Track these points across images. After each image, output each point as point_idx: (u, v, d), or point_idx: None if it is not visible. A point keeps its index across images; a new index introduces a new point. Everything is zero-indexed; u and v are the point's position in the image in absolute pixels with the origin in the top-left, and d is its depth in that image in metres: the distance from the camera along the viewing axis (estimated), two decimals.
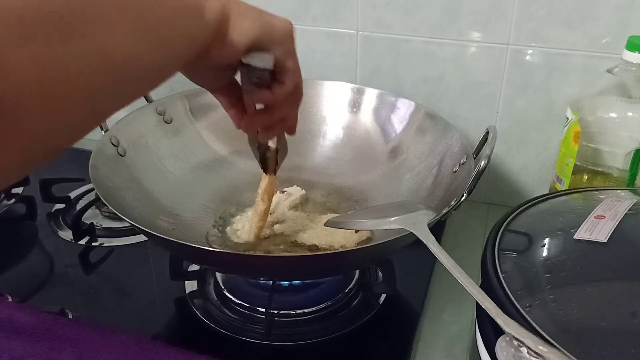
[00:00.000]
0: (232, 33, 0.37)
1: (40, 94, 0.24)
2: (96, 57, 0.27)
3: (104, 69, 0.27)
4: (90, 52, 0.26)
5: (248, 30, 0.38)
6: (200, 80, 0.44)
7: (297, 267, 0.51)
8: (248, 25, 0.38)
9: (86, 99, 0.27)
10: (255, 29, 0.38)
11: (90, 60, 0.26)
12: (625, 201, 0.46)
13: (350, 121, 0.73)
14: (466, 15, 0.69)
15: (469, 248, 0.68)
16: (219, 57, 0.38)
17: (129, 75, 0.29)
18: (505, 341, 0.33)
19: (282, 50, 0.41)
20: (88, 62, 0.26)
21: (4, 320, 0.41)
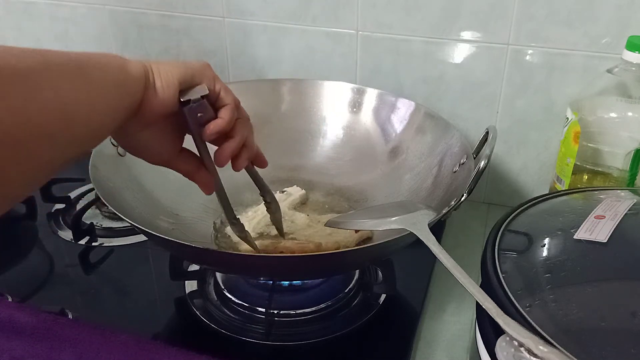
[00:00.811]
0: (160, 80, 0.41)
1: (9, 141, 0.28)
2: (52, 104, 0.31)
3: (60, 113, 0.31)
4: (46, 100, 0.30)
5: (172, 73, 0.41)
6: (155, 149, 0.45)
7: (297, 267, 0.51)
8: (170, 69, 0.41)
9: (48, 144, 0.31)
10: (178, 70, 0.42)
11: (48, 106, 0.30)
12: (625, 201, 0.46)
13: (350, 121, 0.73)
14: (466, 15, 0.69)
15: (469, 248, 0.68)
16: (157, 106, 0.40)
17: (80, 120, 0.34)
18: (505, 341, 0.33)
19: (208, 79, 0.44)
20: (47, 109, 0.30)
21: (4, 320, 0.41)
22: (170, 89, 0.41)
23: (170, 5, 0.81)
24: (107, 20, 0.86)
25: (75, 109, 0.33)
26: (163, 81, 0.41)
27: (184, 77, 0.42)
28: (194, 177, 0.48)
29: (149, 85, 0.40)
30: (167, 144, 0.45)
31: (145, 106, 0.40)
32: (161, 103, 0.41)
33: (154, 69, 0.41)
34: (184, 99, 0.42)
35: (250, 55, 0.81)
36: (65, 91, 0.32)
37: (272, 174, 0.70)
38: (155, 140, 0.44)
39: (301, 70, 0.78)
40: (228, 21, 0.80)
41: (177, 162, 0.47)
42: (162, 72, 0.41)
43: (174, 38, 0.83)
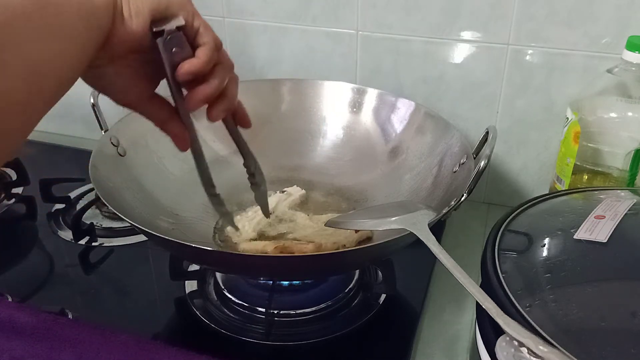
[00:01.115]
0: (128, 6, 0.36)
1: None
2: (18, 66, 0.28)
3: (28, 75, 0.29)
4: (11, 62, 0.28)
5: (144, 1, 0.37)
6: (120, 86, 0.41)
7: (297, 267, 0.51)
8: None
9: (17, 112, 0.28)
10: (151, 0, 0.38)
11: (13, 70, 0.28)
12: (625, 201, 0.46)
13: (350, 121, 0.73)
14: (466, 15, 0.69)
15: (469, 248, 0.68)
16: (124, 36, 0.36)
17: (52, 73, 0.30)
18: (505, 341, 0.33)
19: (186, 12, 0.40)
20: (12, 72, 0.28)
21: (4, 320, 0.41)
22: (140, 17, 0.36)
23: None
24: None
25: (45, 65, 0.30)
26: (132, 8, 0.36)
27: (157, 5, 0.38)
28: (166, 127, 0.44)
29: (118, 10, 0.36)
30: (136, 83, 0.41)
31: (112, 36, 0.36)
32: (129, 33, 0.36)
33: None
34: (157, 29, 0.38)
35: (250, 55, 0.81)
36: (32, 49, 0.29)
37: (272, 174, 0.70)
38: (121, 77, 0.40)
39: (301, 70, 0.78)
40: (228, 21, 0.80)
41: (147, 107, 0.43)
42: (133, 2, 0.37)
43: None
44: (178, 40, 0.39)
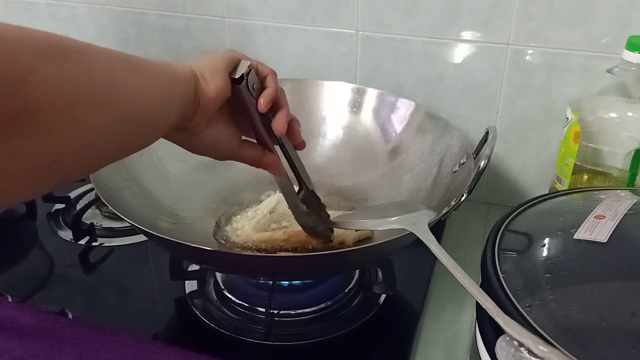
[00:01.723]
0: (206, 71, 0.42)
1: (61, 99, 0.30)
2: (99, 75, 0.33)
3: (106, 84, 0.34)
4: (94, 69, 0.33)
5: (214, 62, 0.43)
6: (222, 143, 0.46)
7: (297, 267, 0.51)
8: (210, 60, 0.43)
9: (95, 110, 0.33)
10: (218, 58, 0.44)
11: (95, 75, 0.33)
12: (625, 201, 0.46)
13: (350, 121, 0.73)
14: (466, 15, 0.69)
15: (469, 248, 0.68)
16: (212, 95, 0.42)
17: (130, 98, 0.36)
18: (505, 341, 0.33)
19: (242, 57, 0.46)
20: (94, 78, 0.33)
21: (4, 320, 0.41)
22: (219, 74, 0.42)
23: (170, 5, 0.81)
24: (107, 20, 0.86)
25: (124, 84, 0.35)
26: (210, 71, 0.42)
27: (226, 61, 0.43)
28: (261, 162, 0.49)
29: (199, 79, 0.41)
30: (231, 135, 0.47)
31: (203, 99, 0.42)
32: (215, 90, 0.42)
33: (198, 65, 0.42)
34: (237, 76, 0.43)
35: (250, 55, 0.80)
36: (114, 68, 0.34)
37: None
38: (221, 134, 0.45)
39: (301, 70, 0.78)
40: (228, 21, 0.80)
41: (243, 151, 0.48)
42: (207, 64, 0.42)
43: (174, 38, 0.83)
44: (253, 79, 0.44)
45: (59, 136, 0.30)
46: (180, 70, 0.41)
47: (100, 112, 0.33)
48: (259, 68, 0.47)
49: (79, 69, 0.31)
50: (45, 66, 0.29)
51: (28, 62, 0.28)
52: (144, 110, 0.37)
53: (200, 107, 0.42)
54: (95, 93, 0.32)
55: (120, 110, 0.35)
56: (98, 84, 0.33)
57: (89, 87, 0.32)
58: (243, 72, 0.43)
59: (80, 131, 0.32)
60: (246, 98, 0.44)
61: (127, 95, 0.35)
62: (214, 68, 0.42)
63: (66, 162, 0.33)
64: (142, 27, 0.84)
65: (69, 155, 0.32)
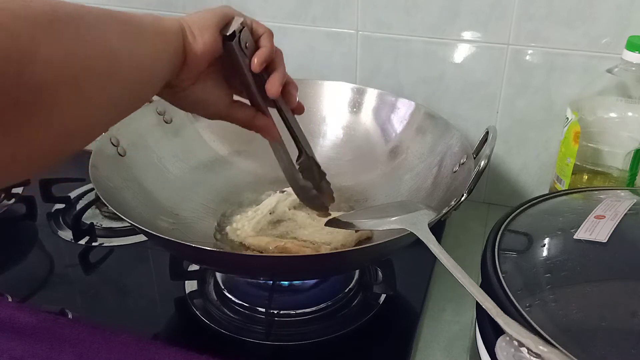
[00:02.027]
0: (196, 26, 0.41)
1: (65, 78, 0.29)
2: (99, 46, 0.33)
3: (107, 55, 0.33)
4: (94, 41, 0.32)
5: (205, 17, 0.42)
6: (211, 100, 0.45)
7: (297, 267, 0.51)
8: (202, 15, 0.42)
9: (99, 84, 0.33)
10: (209, 13, 0.42)
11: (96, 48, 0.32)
12: (625, 201, 0.46)
13: (350, 121, 0.73)
14: (466, 15, 0.69)
15: (469, 248, 0.68)
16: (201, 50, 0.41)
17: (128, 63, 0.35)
18: (505, 341, 0.33)
19: (236, 14, 0.44)
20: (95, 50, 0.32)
21: (4, 320, 0.41)
22: (209, 30, 0.41)
23: (170, 5, 0.81)
24: None
25: (121, 53, 0.34)
26: (199, 26, 0.41)
27: (217, 17, 0.42)
28: (253, 124, 0.47)
29: (186, 34, 0.40)
30: (221, 93, 0.45)
31: (190, 55, 0.40)
32: (203, 46, 0.41)
33: (187, 19, 0.41)
34: (229, 32, 0.41)
35: None
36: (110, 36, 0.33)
37: (272, 174, 0.70)
38: (209, 91, 0.44)
39: (301, 70, 0.78)
40: None
41: (233, 112, 0.47)
42: (196, 19, 0.41)
43: None
44: (246, 35, 0.42)
45: (68, 113, 0.30)
46: (168, 25, 0.40)
47: (103, 83, 0.33)
48: (254, 26, 0.45)
49: (79, 41, 0.31)
50: (47, 44, 0.28)
51: (29, 42, 0.27)
52: (139, 73, 0.37)
53: (187, 63, 0.41)
54: (97, 65, 0.32)
55: (119, 78, 0.34)
56: (98, 55, 0.32)
57: (91, 59, 0.32)
58: (235, 29, 0.41)
59: (87, 105, 0.32)
60: (239, 56, 0.43)
61: (124, 62, 0.35)
62: (204, 23, 0.41)
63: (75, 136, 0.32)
64: None
65: (77, 130, 0.32)
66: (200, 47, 0.40)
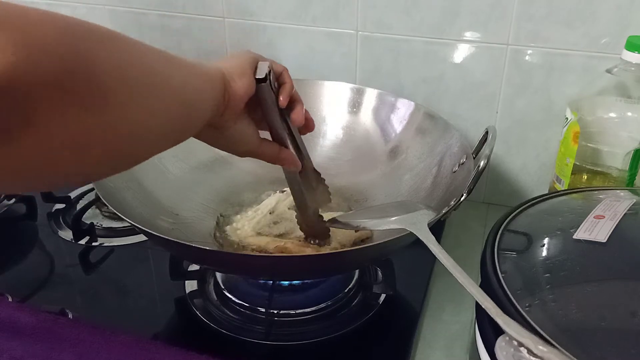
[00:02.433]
0: (234, 72, 0.45)
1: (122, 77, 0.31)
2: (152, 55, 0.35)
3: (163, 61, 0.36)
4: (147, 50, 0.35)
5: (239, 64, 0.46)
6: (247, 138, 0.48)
7: (297, 267, 0.51)
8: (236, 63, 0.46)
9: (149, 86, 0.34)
10: (242, 59, 0.46)
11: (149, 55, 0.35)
12: (625, 201, 0.46)
13: (350, 121, 0.73)
14: (466, 15, 0.69)
15: (468, 248, 0.68)
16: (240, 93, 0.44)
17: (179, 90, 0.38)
18: (505, 341, 0.33)
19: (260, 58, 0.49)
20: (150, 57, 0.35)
21: (4, 320, 0.41)
22: (246, 75, 0.45)
23: (170, 5, 0.81)
24: (107, 20, 0.86)
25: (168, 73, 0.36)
26: (238, 72, 0.45)
27: (251, 62, 0.46)
28: (279, 158, 0.51)
29: (227, 78, 0.44)
30: (253, 131, 0.49)
31: (232, 97, 0.44)
32: (243, 89, 0.45)
33: (224, 65, 0.45)
34: (262, 75, 0.46)
35: None
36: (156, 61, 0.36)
37: (272, 174, 0.70)
38: (246, 130, 0.47)
39: (301, 70, 0.78)
40: (228, 21, 0.80)
41: (262, 148, 0.50)
42: (234, 65, 0.45)
43: (174, 38, 0.83)
44: (273, 77, 0.47)
45: (126, 114, 0.32)
46: (210, 69, 0.43)
47: (156, 96, 0.35)
48: (274, 67, 0.49)
49: (131, 56, 0.33)
50: (105, 53, 0.30)
51: (90, 49, 0.29)
52: (189, 99, 0.39)
53: (230, 104, 0.44)
54: (150, 78, 0.34)
55: (171, 96, 0.36)
56: (150, 72, 0.34)
57: (144, 72, 0.34)
58: (266, 72, 0.46)
59: (142, 112, 0.33)
60: (267, 95, 0.47)
61: (174, 83, 0.37)
62: (242, 69, 0.45)
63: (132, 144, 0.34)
64: (142, 27, 0.84)
65: (133, 136, 0.34)
66: (241, 90, 0.44)
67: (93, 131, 0.30)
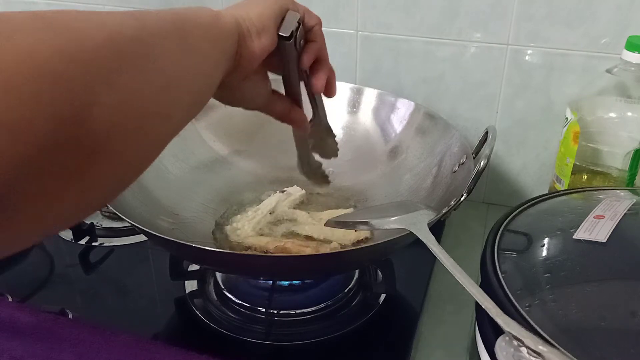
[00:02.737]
0: (254, 27, 0.38)
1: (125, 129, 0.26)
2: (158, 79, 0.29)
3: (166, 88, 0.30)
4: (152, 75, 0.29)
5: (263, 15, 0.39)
6: (254, 96, 0.44)
7: (297, 267, 0.51)
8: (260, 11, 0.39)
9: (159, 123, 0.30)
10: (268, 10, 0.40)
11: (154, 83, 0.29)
12: (625, 201, 0.46)
13: (349, 121, 0.73)
14: (466, 15, 0.69)
15: (468, 248, 0.68)
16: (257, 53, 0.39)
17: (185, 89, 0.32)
18: (505, 341, 0.33)
19: (290, 3, 0.42)
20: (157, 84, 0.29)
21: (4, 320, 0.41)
22: (267, 31, 0.39)
23: (170, 6, 0.81)
24: None
25: (180, 80, 0.31)
26: (258, 26, 0.38)
27: (276, 14, 0.40)
28: (289, 117, 0.46)
29: (243, 35, 0.38)
30: (265, 86, 0.44)
31: (245, 57, 0.38)
32: (261, 48, 0.39)
33: (245, 16, 0.38)
34: (287, 34, 0.40)
35: None
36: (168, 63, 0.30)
37: (272, 174, 0.70)
38: (254, 87, 0.43)
39: None
40: None
41: (272, 104, 0.45)
42: (254, 17, 0.39)
43: None
44: (300, 34, 0.41)
45: (129, 154, 0.28)
46: (226, 27, 0.37)
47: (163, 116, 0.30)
48: (306, 18, 0.43)
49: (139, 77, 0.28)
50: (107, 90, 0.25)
51: (87, 92, 0.23)
52: (197, 91, 0.34)
53: (241, 63, 0.39)
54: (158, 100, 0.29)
55: (179, 104, 0.32)
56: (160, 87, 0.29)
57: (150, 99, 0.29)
58: (292, 29, 0.40)
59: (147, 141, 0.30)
60: (289, 53, 0.41)
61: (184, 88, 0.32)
62: (263, 23, 0.39)
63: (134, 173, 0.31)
64: None
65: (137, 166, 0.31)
66: (258, 51, 0.38)
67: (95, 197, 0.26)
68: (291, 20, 0.40)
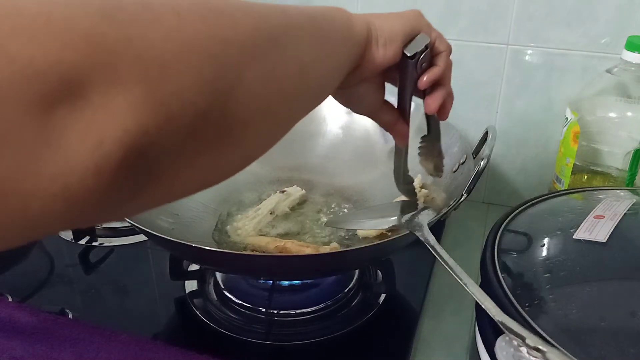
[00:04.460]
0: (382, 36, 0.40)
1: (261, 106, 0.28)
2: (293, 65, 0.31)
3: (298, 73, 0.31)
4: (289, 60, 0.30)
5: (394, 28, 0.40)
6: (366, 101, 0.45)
7: (297, 267, 0.51)
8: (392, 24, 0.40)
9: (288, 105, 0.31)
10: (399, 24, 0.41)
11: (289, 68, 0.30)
12: (625, 201, 0.46)
13: (349, 121, 0.73)
14: (466, 16, 0.69)
15: (468, 248, 0.68)
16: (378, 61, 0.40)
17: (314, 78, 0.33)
18: (505, 341, 0.33)
19: (424, 27, 0.43)
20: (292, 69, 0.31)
21: (4, 320, 0.41)
22: (393, 44, 0.40)
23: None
24: None
25: (310, 68, 0.33)
26: (386, 37, 0.40)
27: (406, 31, 0.41)
28: (393, 128, 0.47)
29: (370, 41, 0.39)
30: (377, 95, 0.45)
31: (367, 62, 0.40)
32: (383, 58, 0.40)
33: (377, 25, 0.40)
34: (411, 54, 0.41)
35: None
36: (303, 52, 0.32)
37: (272, 174, 0.70)
38: (368, 93, 0.44)
39: None
40: None
41: (381, 114, 0.46)
42: (385, 28, 0.40)
43: None
44: (426, 57, 0.42)
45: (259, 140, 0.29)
46: (357, 32, 0.38)
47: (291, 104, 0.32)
48: (436, 43, 0.44)
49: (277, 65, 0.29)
50: (250, 73, 0.26)
51: (234, 73, 0.25)
52: (324, 81, 0.35)
53: (362, 68, 0.40)
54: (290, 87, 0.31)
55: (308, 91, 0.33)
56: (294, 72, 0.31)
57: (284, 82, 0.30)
58: (417, 51, 0.41)
59: (274, 127, 0.31)
60: (409, 71, 0.42)
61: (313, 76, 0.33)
62: (392, 36, 0.40)
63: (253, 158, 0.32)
64: None
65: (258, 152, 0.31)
66: (380, 59, 0.40)
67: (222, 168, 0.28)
68: (419, 42, 0.41)
